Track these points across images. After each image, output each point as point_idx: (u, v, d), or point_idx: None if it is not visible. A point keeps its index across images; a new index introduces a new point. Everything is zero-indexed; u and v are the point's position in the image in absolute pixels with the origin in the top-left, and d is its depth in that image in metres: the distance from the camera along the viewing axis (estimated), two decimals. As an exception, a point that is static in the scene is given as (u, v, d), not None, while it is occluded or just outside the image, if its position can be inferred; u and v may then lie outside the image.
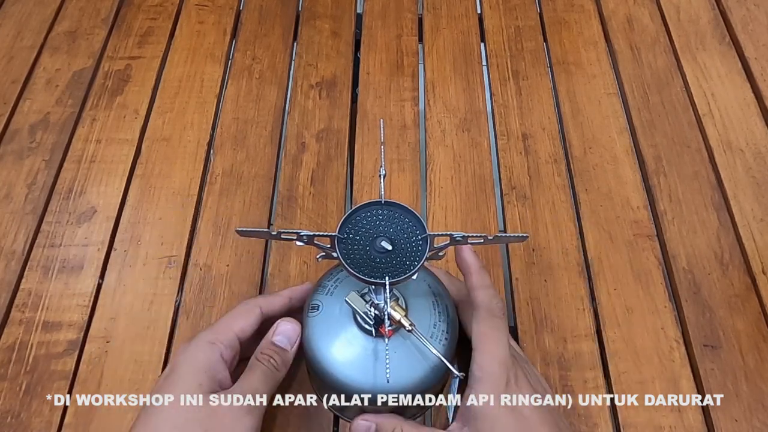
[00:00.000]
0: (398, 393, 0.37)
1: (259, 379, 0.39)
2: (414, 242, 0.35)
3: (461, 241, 0.35)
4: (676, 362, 0.47)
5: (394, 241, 0.35)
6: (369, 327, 0.38)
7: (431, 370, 0.38)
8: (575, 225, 0.55)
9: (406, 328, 0.37)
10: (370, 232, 0.35)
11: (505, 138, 0.61)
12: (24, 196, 0.56)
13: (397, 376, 0.37)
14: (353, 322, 0.39)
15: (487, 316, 0.38)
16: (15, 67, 0.66)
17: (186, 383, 0.37)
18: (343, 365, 0.38)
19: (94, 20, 0.70)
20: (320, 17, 0.71)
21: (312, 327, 0.39)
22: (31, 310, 0.50)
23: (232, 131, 0.61)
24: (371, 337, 0.38)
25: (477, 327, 0.38)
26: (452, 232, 0.35)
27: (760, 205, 0.55)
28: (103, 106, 0.63)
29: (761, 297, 0.50)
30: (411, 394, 0.38)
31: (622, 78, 0.65)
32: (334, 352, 0.38)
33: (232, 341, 0.39)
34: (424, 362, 0.38)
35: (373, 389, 0.37)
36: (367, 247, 0.35)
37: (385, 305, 0.35)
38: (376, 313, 0.37)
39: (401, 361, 0.38)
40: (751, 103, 0.63)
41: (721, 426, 0.45)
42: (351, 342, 0.38)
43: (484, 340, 0.37)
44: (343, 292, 0.39)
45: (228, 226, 0.55)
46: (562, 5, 0.72)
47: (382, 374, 0.37)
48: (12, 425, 0.45)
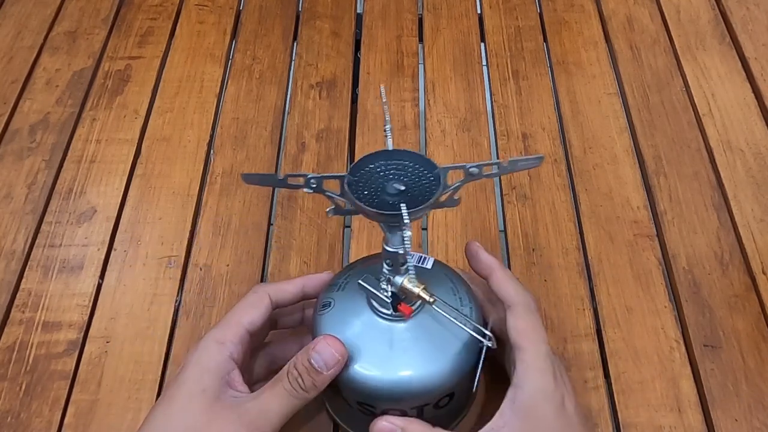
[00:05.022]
0: (429, 377, 0.35)
1: (277, 398, 0.35)
2: (427, 182, 0.33)
3: (476, 175, 0.33)
4: (676, 362, 0.47)
5: (406, 183, 0.33)
6: (386, 310, 0.36)
7: (463, 347, 0.36)
8: (575, 225, 0.55)
9: (428, 300, 0.35)
10: (381, 178, 0.34)
11: (505, 138, 0.61)
12: (24, 196, 0.56)
13: (426, 360, 0.35)
14: (369, 309, 0.37)
15: (525, 311, 0.37)
16: (15, 67, 0.66)
17: (188, 389, 0.36)
18: (362, 356, 0.35)
19: (94, 20, 0.70)
20: (320, 17, 0.71)
21: (324, 324, 0.37)
22: (31, 310, 0.50)
23: (232, 131, 0.61)
24: (390, 323, 0.36)
25: (515, 323, 0.36)
26: (465, 164, 0.33)
27: (760, 205, 0.55)
28: (103, 106, 0.63)
29: (761, 297, 0.50)
30: (443, 377, 0.35)
31: (622, 78, 0.65)
32: (350, 344, 0.36)
33: (242, 337, 0.38)
34: (454, 340, 0.36)
35: (396, 379, 0.35)
36: (379, 191, 0.33)
37: (403, 246, 0.32)
38: (392, 290, 0.35)
39: (428, 343, 0.36)
40: (751, 103, 0.63)
41: (721, 426, 0.45)
42: (368, 330, 0.36)
43: (526, 336, 0.36)
44: (355, 286, 0.37)
45: (228, 226, 0.55)
46: (562, 5, 0.73)
47: (406, 362, 0.35)
48: (12, 425, 0.44)
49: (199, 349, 0.37)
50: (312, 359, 0.35)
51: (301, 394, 0.35)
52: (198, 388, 0.36)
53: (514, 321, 0.36)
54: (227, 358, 0.37)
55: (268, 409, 0.35)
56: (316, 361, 0.35)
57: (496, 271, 0.38)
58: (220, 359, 0.37)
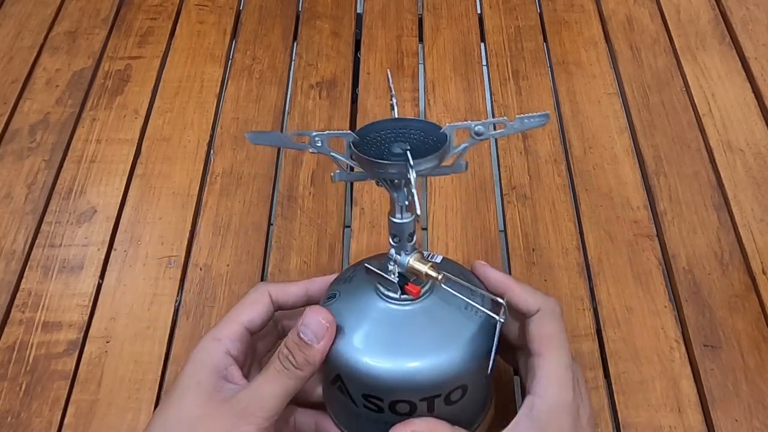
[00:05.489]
0: (439, 364, 0.34)
1: (270, 381, 0.34)
2: (432, 142, 0.33)
3: (482, 134, 0.33)
4: (676, 362, 0.47)
5: (412, 143, 0.33)
6: (394, 293, 0.35)
7: (476, 332, 0.34)
8: (575, 225, 0.55)
9: (436, 277, 0.34)
10: (386, 139, 0.33)
11: (505, 138, 0.61)
12: (24, 196, 0.56)
13: (436, 346, 0.34)
14: (376, 296, 0.35)
15: (551, 317, 0.36)
16: (15, 67, 0.66)
17: (184, 383, 0.36)
18: (367, 344, 0.34)
19: (94, 20, 0.70)
20: (320, 17, 0.71)
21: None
22: (31, 310, 0.50)
23: (232, 131, 0.61)
24: (398, 307, 0.35)
25: (539, 329, 0.35)
26: (471, 122, 0.33)
27: (760, 205, 0.55)
28: (103, 106, 0.63)
29: (761, 297, 0.50)
30: (453, 364, 0.34)
31: (622, 78, 0.65)
32: (355, 333, 0.35)
33: (241, 335, 0.37)
34: (465, 326, 0.34)
35: (403, 367, 0.34)
36: (384, 151, 0.32)
37: (409, 195, 0.31)
38: (399, 271, 0.34)
39: (437, 328, 0.34)
40: (751, 103, 0.63)
41: (721, 426, 0.45)
42: (375, 317, 0.35)
43: (550, 344, 0.35)
44: (362, 278, 0.36)
45: (228, 226, 0.55)
46: (562, 5, 0.73)
47: (414, 348, 0.34)
48: (12, 425, 0.44)
49: (197, 348, 0.37)
50: (301, 333, 0.34)
51: (295, 372, 0.34)
52: (193, 382, 0.35)
53: (538, 327, 0.36)
54: (224, 354, 0.36)
55: (261, 394, 0.34)
56: (305, 334, 0.34)
57: (513, 285, 0.37)
58: (216, 355, 0.36)
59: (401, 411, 0.35)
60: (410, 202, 0.32)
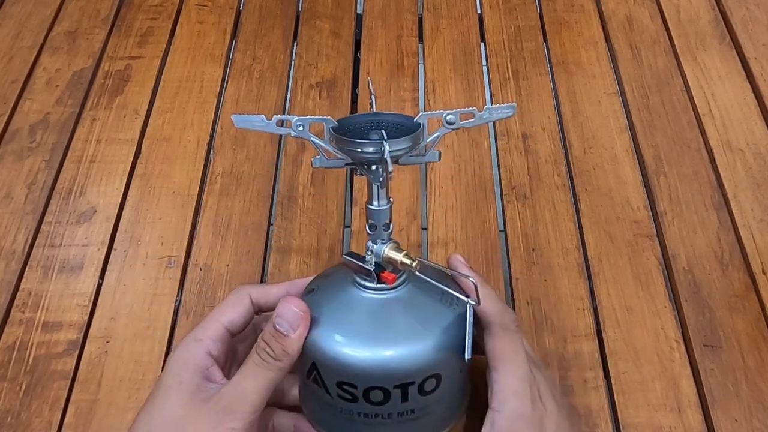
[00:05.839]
0: (412, 352, 0.34)
1: (250, 376, 0.35)
2: (407, 130, 0.35)
3: (453, 123, 0.35)
4: (676, 362, 0.47)
5: (389, 132, 0.35)
6: (370, 282, 0.36)
7: (450, 322, 0.35)
8: (575, 225, 0.55)
9: (412, 265, 0.34)
10: (364, 127, 0.36)
11: (505, 138, 0.61)
12: (24, 196, 0.56)
13: (409, 333, 0.34)
14: (352, 287, 0.36)
15: (501, 331, 0.36)
16: (15, 67, 0.66)
17: (166, 383, 0.36)
18: (341, 330, 0.35)
19: (94, 20, 0.70)
20: (320, 17, 0.71)
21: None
22: (31, 310, 0.50)
23: (232, 131, 0.61)
24: (374, 296, 0.36)
25: (492, 343, 0.36)
26: (443, 111, 0.36)
27: (760, 205, 0.55)
28: (103, 106, 0.63)
29: (761, 297, 0.50)
30: (427, 351, 0.34)
31: (622, 78, 0.65)
32: (330, 321, 0.35)
33: (221, 335, 0.38)
34: (440, 314, 0.35)
35: (376, 354, 0.34)
36: (363, 138, 0.34)
37: (383, 171, 0.33)
38: (375, 260, 0.35)
39: (411, 317, 0.35)
40: (751, 103, 0.63)
41: (721, 426, 0.45)
42: (350, 305, 0.35)
43: (502, 357, 0.35)
44: (340, 274, 0.37)
45: (228, 226, 0.55)
46: (562, 5, 0.73)
47: (387, 335, 0.35)
48: (12, 425, 0.44)
49: (177, 349, 0.37)
50: (276, 324, 0.35)
51: (274, 363, 0.35)
52: (176, 382, 0.36)
53: (490, 341, 0.36)
54: (204, 354, 0.37)
55: (243, 389, 0.35)
56: (280, 325, 0.35)
57: (473, 291, 0.37)
58: (197, 355, 0.37)
59: (375, 399, 0.35)
60: (383, 180, 0.34)
